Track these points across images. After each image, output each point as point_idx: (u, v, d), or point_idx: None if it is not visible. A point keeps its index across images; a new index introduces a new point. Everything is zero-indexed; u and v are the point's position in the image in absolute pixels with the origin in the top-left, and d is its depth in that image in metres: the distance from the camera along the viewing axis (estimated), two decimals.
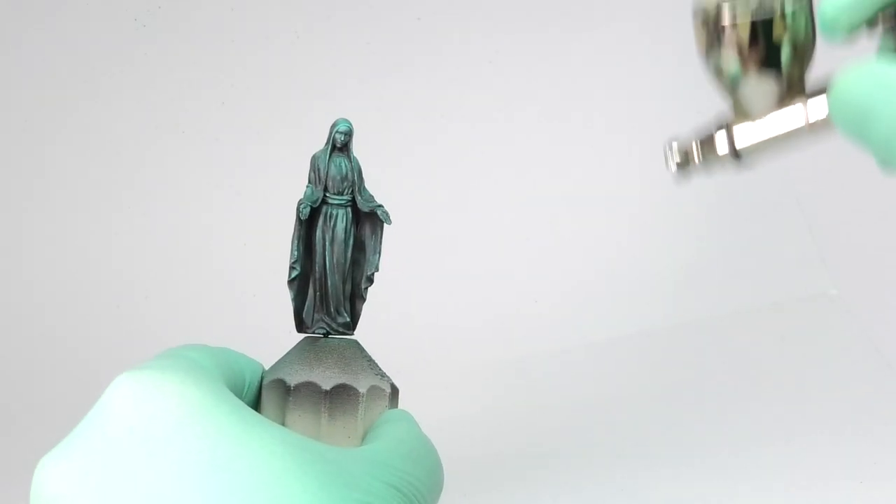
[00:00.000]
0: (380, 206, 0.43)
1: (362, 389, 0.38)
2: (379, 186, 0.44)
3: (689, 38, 0.34)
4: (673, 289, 0.98)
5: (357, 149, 0.44)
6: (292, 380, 0.38)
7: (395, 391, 0.40)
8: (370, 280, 0.43)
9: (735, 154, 0.33)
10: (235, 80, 1.04)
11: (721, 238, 1.01)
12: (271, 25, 1.04)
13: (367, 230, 0.43)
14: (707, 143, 0.34)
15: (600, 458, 0.79)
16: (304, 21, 1.04)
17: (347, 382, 0.39)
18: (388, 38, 1.04)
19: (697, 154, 0.34)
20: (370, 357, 0.41)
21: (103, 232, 1.04)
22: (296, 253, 0.42)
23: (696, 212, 1.02)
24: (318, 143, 0.43)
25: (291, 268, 0.42)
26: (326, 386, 0.38)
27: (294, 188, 0.43)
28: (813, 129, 0.32)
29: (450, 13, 1.04)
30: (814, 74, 0.33)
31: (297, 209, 0.42)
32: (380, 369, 0.41)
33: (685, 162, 0.35)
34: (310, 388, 0.38)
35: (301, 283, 0.43)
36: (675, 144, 0.35)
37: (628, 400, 0.87)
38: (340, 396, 0.38)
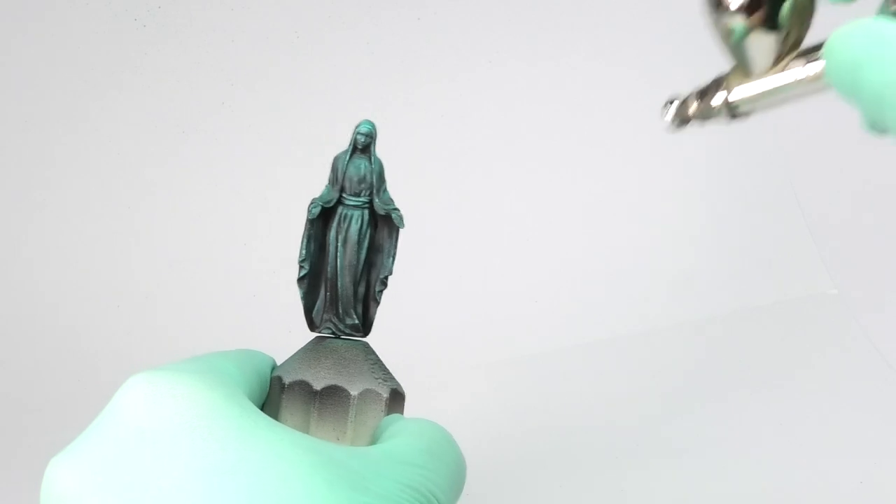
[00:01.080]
0: (395, 209, 0.42)
1: (354, 392, 0.38)
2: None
3: (687, 39, 0.35)
4: (673, 289, 0.98)
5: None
6: (288, 378, 0.38)
7: (395, 396, 0.39)
8: (384, 283, 0.42)
9: (729, 107, 0.35)
10: (235, 80, 1.04)
11: (721, 238, 1.01)
12: (271, 25, 1.04)
13: (384, 233, 0.43)
14: (704, 95, 0.36)
15: (600, 458, 0.79)
16: (304, 21, 1.04)
17: (339, 384, 0.38)
18: (388, 38, 1.04)
19: (694, 105, 0.37)
20: (377, 360, 0.41)
21: (103, 231, 1.03)
22: (304, 251, 0.42)
23: (696, 212, 1.02)
24: (318, 142, 0.43)
25: (300, 266, 0.42)
26: (318, 386, 0.38)
27: (294, 187, 0.43)
28: (807, 85, 0.33)
29: (450, 13, 1.04)
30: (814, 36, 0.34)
31: (308, 208, 0.42)
32: (385, 374, 0.40)
33: (682, 113, 0.37)
34: (302, 387, 0.38)
35: (313, 281, 0.42)
36: (673, 99, 0.38)
37: (628, 400, 0.87)
38: (331, 397, 0.38)
